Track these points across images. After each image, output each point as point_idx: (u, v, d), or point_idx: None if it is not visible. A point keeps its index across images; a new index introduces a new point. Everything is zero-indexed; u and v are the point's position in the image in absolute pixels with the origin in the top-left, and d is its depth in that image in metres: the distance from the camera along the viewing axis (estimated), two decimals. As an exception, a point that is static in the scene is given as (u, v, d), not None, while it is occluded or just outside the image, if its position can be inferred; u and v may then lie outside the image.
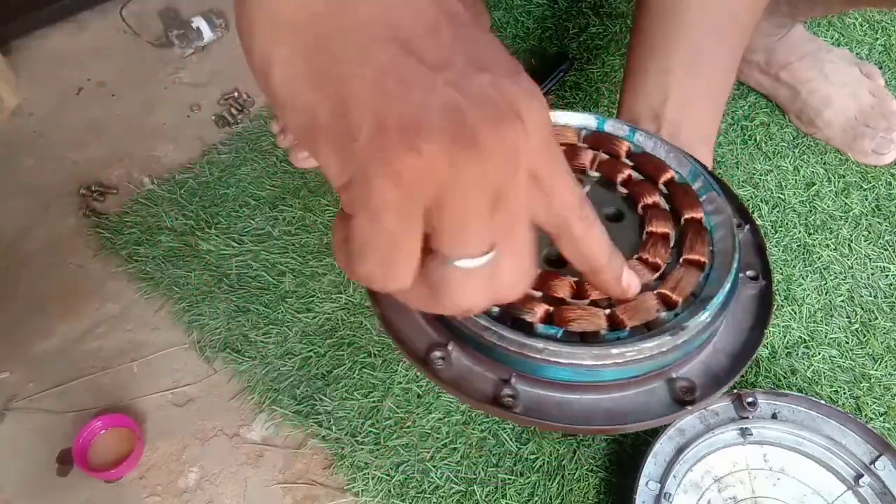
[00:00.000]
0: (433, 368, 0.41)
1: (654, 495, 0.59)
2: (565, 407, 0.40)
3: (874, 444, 0.62)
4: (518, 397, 0.40)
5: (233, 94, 0.97)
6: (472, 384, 0.41)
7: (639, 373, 0.40)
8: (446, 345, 0.41)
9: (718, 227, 0.46)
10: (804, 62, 0.88)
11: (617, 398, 0.41)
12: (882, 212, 0.83)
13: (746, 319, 0.45)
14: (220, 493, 0.67)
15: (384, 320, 0.43)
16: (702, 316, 0.40)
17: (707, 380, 0.42)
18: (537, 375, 0.40)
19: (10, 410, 0.72)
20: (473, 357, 0.41)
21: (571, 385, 0.40)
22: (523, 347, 0.38)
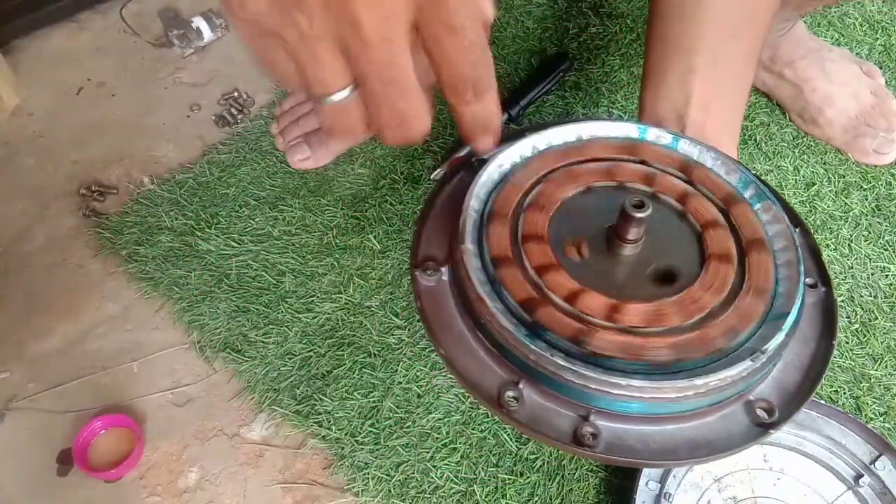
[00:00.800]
0: (507, 409, 0.39)
1: (654, 495, 0.59)
2: (647, 440, 0.39)
3: (874, 444, 0.62)
4: (599, 435, 0.39)
5: (233, 94, 0.97)
6: (549, 423, 0.39)
7: (718, 400, 0.39)
8: (517, 383, 0.40)
9: (777, 237, 0.45)
10: (806, 60, 0.88)
11: (697, 426, 0.40)
12: (882, 212, 0.83)
13: (811, 329, 0.44)
14: (220, 493, 0.67)
15: (449, 362, 0.41)
16: (779, 337, 0.39)
17: (783, 398, 0.41)
18: (616, 410, 0.39)
19: (10, 410, 0.72)
20: (547, 395, 0.40)
21: (650, 417, 0.39)
22: (603, 384, 0.37)
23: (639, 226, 0.42)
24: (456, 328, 0.43)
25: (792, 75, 0.89)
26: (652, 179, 0.48)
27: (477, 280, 0.41)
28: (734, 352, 0.39)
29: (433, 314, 0.43)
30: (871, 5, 1.03)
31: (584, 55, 0.98)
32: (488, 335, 0.41)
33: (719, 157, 0.49)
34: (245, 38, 0.31)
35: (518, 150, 0.49)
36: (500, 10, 1.03)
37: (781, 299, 0.42)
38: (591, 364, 0.38)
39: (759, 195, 0.47)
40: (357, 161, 0.88)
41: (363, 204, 0.84)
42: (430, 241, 0.46)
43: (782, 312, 0.40)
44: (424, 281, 0.44)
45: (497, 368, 0.41)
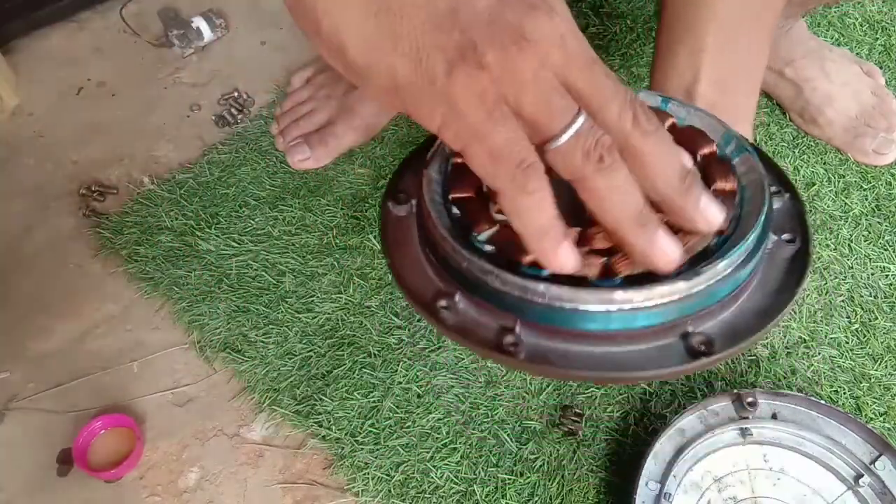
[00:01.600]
0: (439, 317, 0.40)
1: (654, 495, 0.59)
2: (571, 357, 0.38)
3: (874, 444, 0.62)
4: (521, 345, 0.38)
5: (233, 94, 0.97)
6: (476, 332, 0.40)
7: (649, 322, 0.37)
8: (453, 295, 0.41)
9: (750, 186, 0.43)
10: (807, 59, 0.88)
11: (627, 351, 0.38)
12: (882, 212, 0.83)
13: (778, 281, 0.43)
14: (220, 493, 0.67)
15: (393, 269, 0.43)
16: (719, 264, 0.37)
17: (726, 336, 0.39)
18: (541, 322, 0.38)
19: (10, 410, 0.72)
20: (479, 306, 0.40)
21: (577, 334, 0.38)
22: (525, 291, 0.37)
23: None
24: (411, 248, 0.44)
25: (792, 74, 0.89)
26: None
27: (429, 198, 0.42)
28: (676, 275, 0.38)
29: (394, 235, 0.45)
30: (871, 5, 1.03)
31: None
32: (433, 248, 0.42)
33: (706, 116, 0.47)
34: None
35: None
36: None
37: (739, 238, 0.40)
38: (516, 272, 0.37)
39: (739, 149, 0.45)
40: (357, 161, 0.88)
41: (363, 204, 0.84)
42: (406, 179, 0.48)
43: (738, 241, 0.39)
44: (394, 211, 0.46)
45: (437, 280, 0.42)
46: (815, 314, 0.75)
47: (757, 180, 0.43)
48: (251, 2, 1.10)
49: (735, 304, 0.41)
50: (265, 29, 1.06)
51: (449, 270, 0.41)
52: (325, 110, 0.89)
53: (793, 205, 0.47)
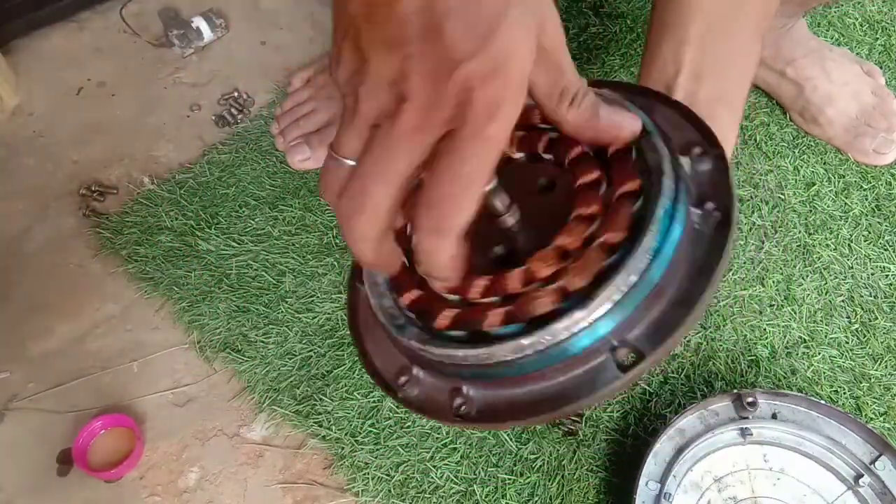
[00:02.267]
0: (403, 396, 0.42)
1: (654, 495, 0.59)
2: (516, 402, 0.39)
3: (874, 444, 0.62)
4: (472, 403, 0.40)
5: (233, 94, 0.97)
6: (434, 401, 0.41)
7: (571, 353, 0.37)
8: (412, 369, 0.42)
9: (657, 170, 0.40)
10: (808, 59, 0.88)
11: (563, 381, 0.39)
12: (882, 212, 0.83)
13: (701, 262, 0.39)
14: (220, 493, 0.67)
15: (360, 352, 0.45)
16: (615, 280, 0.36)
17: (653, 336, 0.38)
18: (479, 379, 0.40)
19: (10, 410, 0.72)
20: (432, 374, 0.42)
21: (515, 380, 0.39)
22: (452, 359, 0.38)
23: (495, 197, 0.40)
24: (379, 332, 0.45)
25: (793, 74, 0.89)
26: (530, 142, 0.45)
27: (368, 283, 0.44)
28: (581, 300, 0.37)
29: (364, 317, 0.47)
30: (871, 5, 1.03)
31: (584, 55, 0.98)
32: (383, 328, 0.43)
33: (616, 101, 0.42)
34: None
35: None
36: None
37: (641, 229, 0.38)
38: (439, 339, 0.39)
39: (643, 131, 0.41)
40: (357, 161, 0.88)
41: (363, 204, 0.84)
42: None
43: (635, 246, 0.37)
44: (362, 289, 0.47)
45: (400, 356, 0.43)
46: (815, 314, 0.75)
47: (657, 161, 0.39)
48: (251, 2, 1.10)
49: (661, 300, 0.38)
50: (265, 29, 1.06)
51: (399, 348, 0.43)
52: (325, 110, 0.89)
53: (718, 166, 0.42)
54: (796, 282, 0.77)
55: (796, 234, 0.80)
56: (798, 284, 0.77)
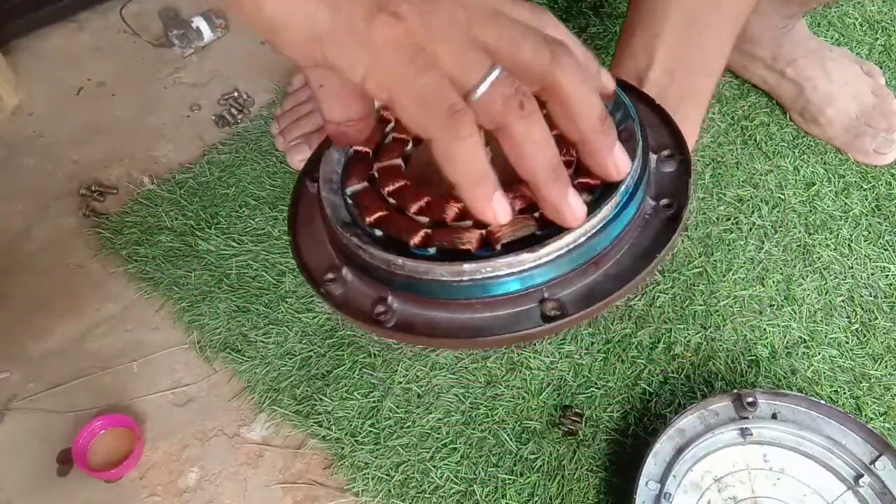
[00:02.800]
0: (326, 290, 0.43)
1: (654, 495, 0.59)
2: (435, 324, 0.41)
3: (874, 444, 0.62)
4: (393, 314, 0.41)
5: (233, 94, 0.97)
6: (356, 304, 0.42)
7: (504, 291, 0.39)
8: (341, 268, 0.43)
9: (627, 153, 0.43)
10: (808, 59, 0.88)
11: (487, 317, 0.40)
12: (882, 212, 0.83)
13: (650, 247, 0.43)
14: (220, 493, 0.67)
15: (293, 243, 0.46)
16: (566, 237, 0.38)
17: (581, 300, 0.40)
18: (408, 292, 0.40)
19: (10, 410, 0.72)
20: (360, 279, 0.43)
21: (441, 303, 0.40)
22: (389, 265, 0.39)
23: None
24: (315, 225, 0.46)
25: (793, 74, 0.89)
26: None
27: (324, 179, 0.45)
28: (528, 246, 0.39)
29: (303, 212, 0.48)
30: (871, 5, 1.03)
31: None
32: (327, 226, 0.44)
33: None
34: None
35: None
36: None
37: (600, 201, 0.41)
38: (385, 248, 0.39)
39: (624, 117, 0.45)
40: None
41: (363, 204, 0.84)
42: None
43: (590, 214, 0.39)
44: (311, 187, 0.49)
45: (334, 256, 0.44)
46: (815, 314, 0.75)
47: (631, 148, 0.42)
48: (251, 2, 1.10)
49: (598, 269, 0.41)
50: (265, 29, 1.06)
51: (337, 246, 0.44)
52: None
53: (681, 170, 0.46)
54: (796, 282, 0.77)
55: (796, 234, 0.80)
56: (798, 284, 0.77)
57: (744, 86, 0.94)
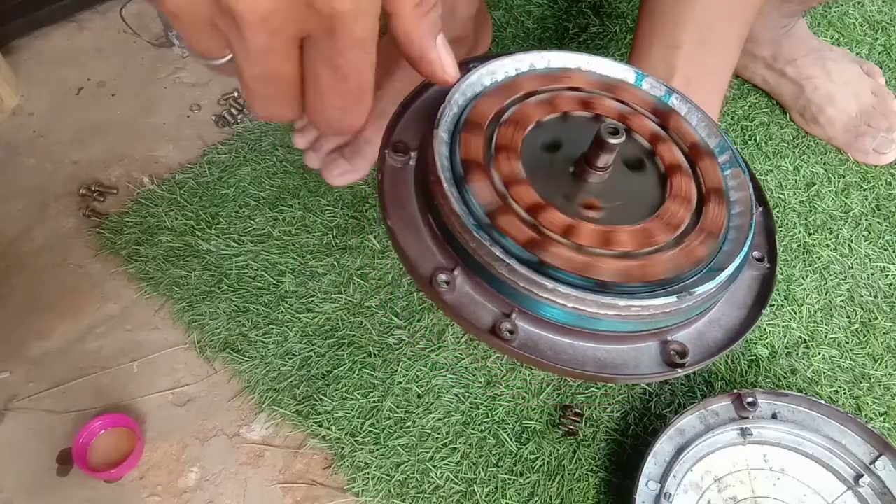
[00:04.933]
0: (437, 290, 0.40)
1: (654, 495, 0.59)
2: (559, 350, 0.40)
3: (874, 444, 0.62)
4: (516, 333, 0.40)
5: (233, 94, 0.97)
6: (473, 312, 0.40)
7: (636, 329, 0.40)
8: (453, 269, 0.41)
9: (737, 203, 0.46)
10: (808, 59, 0.88)
11: (610, 350, 0.41)
12: (882, 212, 0.83)
13: (745, 298, 0.46)
14: (220, 493, 0.67)
15: (393, 234, 0.42)
16: (710, 285, 0.40)
17: (699, 348, 0.42)
18: (538, 314, 0.40)
19: (10, 410, 0.72)
20: (478, 286, 0.41)
21: (569, 329, 0.40)
22: (532, 284, 0.38)
23: (610, 152, 0.43)
24: (409, 208, 0.44)
25: (794, 74, 0.89)
26: (629, 119, 0.49)
27: (440, 165, 0.42)
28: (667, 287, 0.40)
29: (391, 190, 0.45)
30: (871, 5, 1.03)
31: (584, 55, 0.98)
32: (437, 217, 0.42)
33: (705, 118, 0.49)
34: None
35: (513, 64, 0.49)
36: (500, 11, 1.03)
37: (723, 256, 0.43)
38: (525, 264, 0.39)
39: (732, 162, 0.47)
40: (357, 161, 0.88)
41: (363, 204, 0.84)
42: (406, 129, 0.48)
43: (720, 267, 0.41)
44: (392, 161, 0.45)
45: (437, 252, 0.42)
46: (815, 314, 0.75)
47: (745, 199, 0.45)
48: (251, 2, 1.10)
49: (706, 316, 0.44)
50: (265, 29, 1.06)
51: (452, 244, 0.41)
52: None
53: (765, 220, 0.49)
54: (796, 282, 0.77)
55: (796, 234, 0.80)
56: (798, 284, 0.77)
57: (744, 86, 0.94)
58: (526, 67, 0.50)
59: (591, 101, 0.49)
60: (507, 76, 0.49)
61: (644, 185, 0.46)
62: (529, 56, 0.50)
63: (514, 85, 0.49)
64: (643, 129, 0.48)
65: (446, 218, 0.41)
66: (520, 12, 1.03)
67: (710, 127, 0.49)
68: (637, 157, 0.47)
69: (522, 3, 1.04)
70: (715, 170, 0.47)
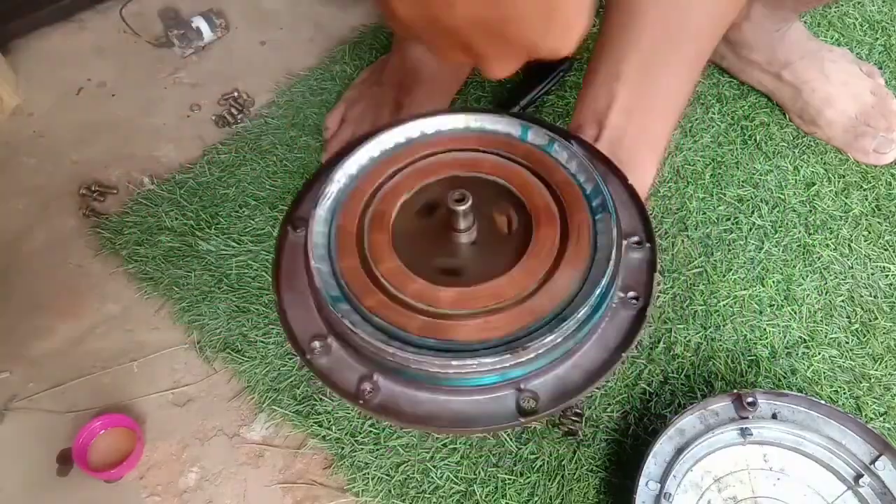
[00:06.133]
0: (311, 357, 0.45)
1: (654, 495, 0.59)
2: (417, 405, 0.43)
3: (874, 444, 0.62)
4: (377, 391, 0.43)
5: (233, 94, 0.97)
6: (341, 373, 0.44)
7: (489, 382, 0.42)
8: (327, 337, 0.45)
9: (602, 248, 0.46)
10: (805, 61, 0.88)
11: (466, 401, 0.43)
12: (882, 212, 0.83)
13: (614, 340, 0.46)
14: (220, 493, 0.67)
15: (279, 307, 0.47)
16: (547, 338, 0.41)
17: (554, 393, 0.44)
18: (395, 375, 0.43)
19: (10, 410, 0.72)
20: (348, 349, 0.44)
21: (426, 386, 0.43)
22: (380, 351, 0.41)
23: (463, 217, 0.46)
24: (300, 283, 0.47)
25: (790, 77, 0.89)
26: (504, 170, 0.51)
27: (313, 242, 0.45)
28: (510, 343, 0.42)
29: (287, 263, 0.49)
30: (871, 5, 1.03)
31: (584, 55, 0.98)
32: (317, 299, 0.45)
33: (583, 164, 0.50)
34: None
35: (403, 133, 0.52)
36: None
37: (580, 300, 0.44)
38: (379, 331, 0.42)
39: (604, 207, 0.48)
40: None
41: (363, 204, 0.84)
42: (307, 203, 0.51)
43: (566, 316, 0.42)
44: (292, 236, 0.50)
45: (319, 321, 0.46)
46: (815, 314, 0.75)
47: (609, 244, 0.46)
48: (251, 2, 1.10)
49: (570, 360, 0.45)
50: (265, 29, 1.06)
51: (325, 319, 0.45)
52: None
53: (649, 258, 0.49)
54: (796, 282, 0.77)
55: (796, 234, 0.80)
56: (798, 284, 0.77)
57: (744, 86, 0.94)
58: (416, 133, 0.53)
59: (470, 162, 0.51)
60: (398, 144, 0.52)
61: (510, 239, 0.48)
62: (418, 123, 0.52)
63: (400, 155, 0.51)
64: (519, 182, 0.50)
65: (312, 291, 0.45)
66: (520, 12, 1.03)
67: (586, 172, 0.50)
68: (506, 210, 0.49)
69: (522, 3, 1.04)
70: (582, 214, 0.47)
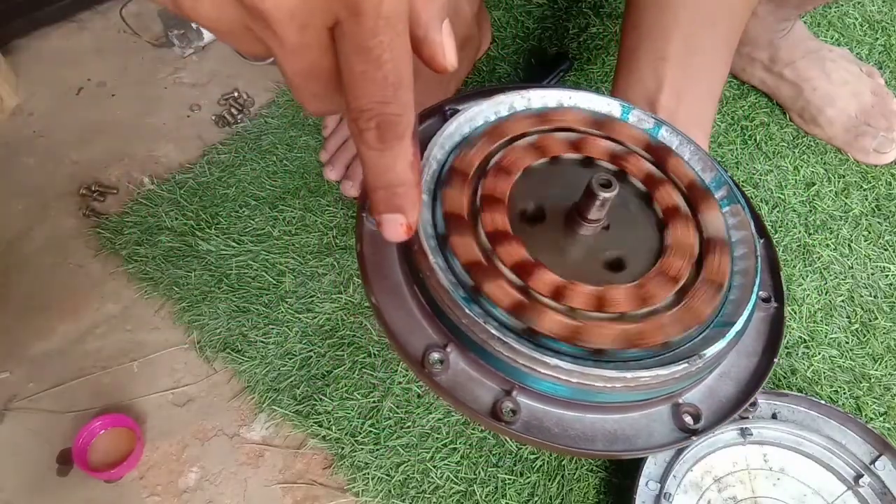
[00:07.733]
0: (430, 372, 0.37)
1: (654, 495, 0.59)
2: (566, 426, 0.37)
3: (874, 444, 0.62)
4: (518, 412, 0.37)
5: (233, 94, 0.97)
6: (471, 392, 0.37)
7: (647, 397, 0.38)
8: (446, 346, 0.38)
9: (739, 244, 0.43)
10: (806, 60, 0.88)
11: (619, 420, 0.38)
12: (882, 212, 0.83)
13: (754, 344, 0.42)
14: (220, 493, 0.67)
15: (378, 312, 0.39)
16: (719, 345, 0.37)
17: (713, 407, 0.40)
18: (540, 391, 0.37)
19: (10, 410, 0.72)
20: (474, 363, 0.38)
21: (574, 403, 0.37)
22: (532, 361, 0.35)
23: (603, 206, 0.40)
24: (393, 279, 0.40)
25: (792, 75, 0.89)
26: (622, 159, 0.46)
27: (423, 233, 0.38)
28: (672, 350, 0.38)
29: (373, 259, 0.41)
30: (871, 5, 1.03)
31: (584, 55, 0.98)
32: (424, 291, 0.38)
33: (698, 151, 0.47)
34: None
35: (493, 108, 0.46)
36: (501, 10, 1.03)
37: (730, 307, 0.40)
38: (524, 339, 0.36)
39: (731, 198, 0.44)
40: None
41: (363, 204, 0.84)
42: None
43: (729, 321, 0.39)
44: (370, 224, 0.41)
45: (427, 327, 0.39)
46: (815, 314, 0.75)
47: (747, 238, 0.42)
48: (251, 2, 1.10)
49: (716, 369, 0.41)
50: (265, 29, 1.06)
51: (442, 319, 0.38)
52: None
53: (768, 253, 0.46)
54: (796, 282, 0.77)
55: (796, 234, 0.80)
56: (798, 284, 0.77)
57: (744, 86, 0.94)
58: (506, 111, 0.47)
59: (581, 143, 0.46)
60: (488, 121, 0.46)
61: (641, 234, 0.43)
62: (509, 97, 0.47)
63: (497, 130, 0.45)
64: (638, 171, 0.45)
65: (434, 292, 0.37)
66: (520, 12, 1.03)
67: (703, 160, 0.46)
68: (633, 203, 0.44)
69: (522, 2, 1.04)
70: (714, 212, 0.44)
